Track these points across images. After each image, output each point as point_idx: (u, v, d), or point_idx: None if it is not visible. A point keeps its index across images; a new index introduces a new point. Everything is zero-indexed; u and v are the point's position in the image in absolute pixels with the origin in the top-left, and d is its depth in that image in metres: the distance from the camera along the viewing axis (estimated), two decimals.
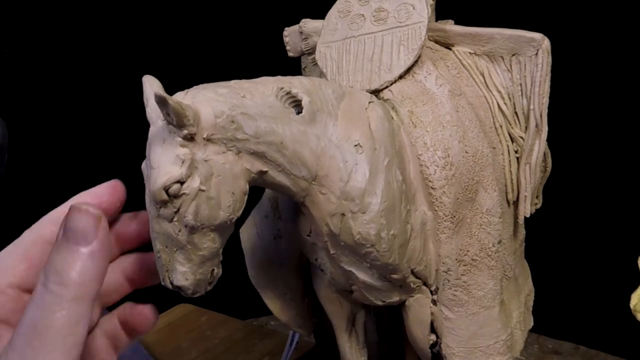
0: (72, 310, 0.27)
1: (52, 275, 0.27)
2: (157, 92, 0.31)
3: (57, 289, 0.27)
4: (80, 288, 0.27)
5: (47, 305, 0.27)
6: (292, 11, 0.56)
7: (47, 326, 0.27)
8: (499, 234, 0.44)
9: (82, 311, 0.27)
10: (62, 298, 0.27)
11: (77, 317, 0.27)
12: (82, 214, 0.28)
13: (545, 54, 0.45)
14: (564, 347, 0.78)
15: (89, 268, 0.28)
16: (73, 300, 0.27)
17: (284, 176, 0.37)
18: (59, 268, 0.27)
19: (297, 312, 0.51)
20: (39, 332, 0.27)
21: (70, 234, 0.28)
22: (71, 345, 0.27)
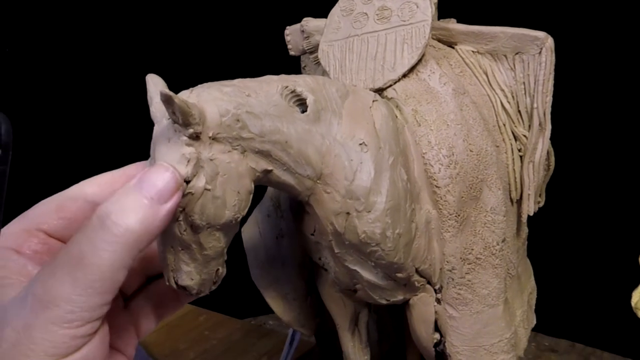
0: (120, 255, 0.27)
1: (114, 215, 0.27)
2: (163, 91, 0.30)
3: (115, 228, 0.27)
4: (135, 237, 0.27)
5: (98, 242, 0.27)
6: (293, 10, 0.55)
7: (92, 262, 0.27)
8: (503, 233, 0.44)
9: (127, 260, 0.27)
10: (116, 240, 0.27)
11: (121, 264, 0.27)
12: (168, 174, 0.29)
13: (548, 53, 0.45)
14: (561, 344, 0.79)
15: (149, 222, 0.28)
16: (125, 246, 0.27)
17: (288, 175, 0.37)
18: (123, 209, 0.28)
19: (300, 311, 0.51)
20: (84, 265, 0.27)
21: (146, 184, 0.28)
22: (107, 289, 0.27)
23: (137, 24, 0.92)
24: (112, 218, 0.28)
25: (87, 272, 0.27)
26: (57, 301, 0.27)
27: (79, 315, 0.27)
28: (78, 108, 0.93)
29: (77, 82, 0.93)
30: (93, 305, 0.27)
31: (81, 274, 0.27)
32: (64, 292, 0.27)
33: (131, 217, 0.28)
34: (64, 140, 0.93)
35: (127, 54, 0.91)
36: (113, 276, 0.27)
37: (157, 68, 0.37)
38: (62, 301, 0.27)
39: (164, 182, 0.29)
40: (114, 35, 0.92)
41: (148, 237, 0.28)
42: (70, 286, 0.27)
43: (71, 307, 0.27)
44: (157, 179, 0.29)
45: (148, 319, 0.35)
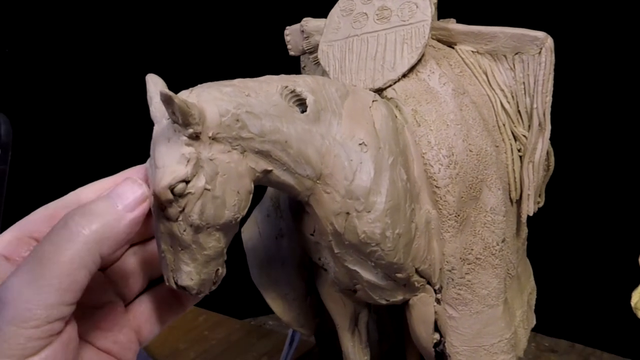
0: (79, 254, 0.27)
1: (78, 216, 0.28)
2: (163, 91, 0.30)
3: (75, 228, 0.28)
4: (95, 237, 0.28)
5: (60, 241, 0.28)
6: (293, 10, 0.55)
7: (51, 260, 0.27)
8: (503, 233, 0.44)
9: (87, 260, 0.28)
10: (77, 239, 0.28)
11: (81, 262, 0.27)
12: (135, 185, 0.30)
13: (548, 53, 0.45)
14: (560, 345, 0.79)
15: (112, 226, 0.28)
16: (85, 245, 0.28)
17: (288, 175, 0.37)
18: (88, 212, 0.28)
19: (300, 311, 0.51)
20: (43, 263, 0.27)
21: (114, 194, 0.30)
22: (66, 287, 0.27)
23: (137, 24, 0.92)
24: (75, 219, 0.28)
25: (46, 270, 0.27)
26: (15, 300, 0.26)
27: (35, 313, 0.26)
28: (78, 108, 0.93)
29: (77, 82, 0.93)
30: (51, 303, 0.27)
31: (39, 272, 0.27)
32: (22, 290, 0.27)
33: (94, 220, 0.28)
34: (64, 140, 0.93)
35: (127, 54, 0.91)
36: (72, 274, 0.27)
37: (157, 68, 0.37)
38: (20, 300, 0.26)
39: (131, 191, 0.30)
40: (114, 35, 0.92)
41: (110, 241, 0.28)
42: (28, 284, 0.27)
43: (28, 305, 0.26)
44: (126, 189, 0.30)
45: (150, 323, 0.35)
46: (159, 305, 0.36)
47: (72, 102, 0.93)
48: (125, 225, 0.29)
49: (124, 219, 0.29)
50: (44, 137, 0.91)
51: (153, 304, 0.36)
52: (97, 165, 0.35)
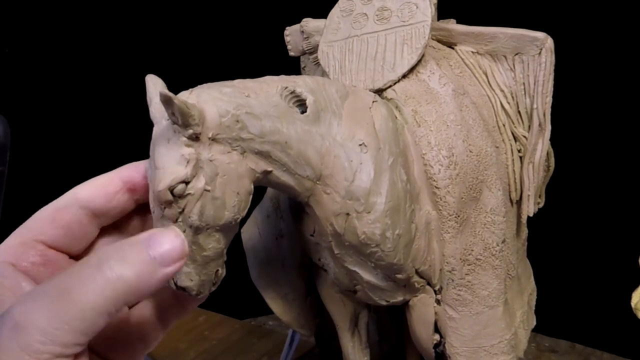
0: (105, 300, 0.27)
1: (113, 260, 0.27)
2: (163, 92, 0.30)
3: (108, 272, 0.27)
4: (126, 287, 0.27)
5: (88, 280, 0.27)
6: (293, 10, 0.55)
7: (76, 299, 0.26)
8: (503, 234, 0.44)
9: (111, 308, 0.27)
10: (106, 284, 0.27)
11: (105, 309, 0.27)
12: (178, 240, 0.29)
13: (548, 53, 0.45)
14: (561, 345, 0.79)
15: (145, 279, 0.27)
16: (113, 292, 0.27)
17: (288, 176, 0.37)
18: (123, 258, 0.27)
19: (300, 312, 0.51)
20: (68, 299, 0.26)
21: (153, 242, 0.28)
22: (84, 330, 0.26)
23: (137, 24, 0.92)
24: (110, 263, 0.27)
25: (69, 308, 0.26)
26: (31, 328, 0.26)
27: (49, 348, 0.26)
28: (77, 109, 0.93)
29: (76, 82, 0.93)
30: (66, 342, 0.26)
31: (62, 308, 0.26)
32: (40, 321, 0.26)
33: (128, 268, 0.27)
34: (64, 141, 0.93)
35: (127, 54, 0.91)
36: (93, 319, 0.27)
37: (157, 68, 0.37)
38: (36, 329, 0.26)
39: (171, 246, 0.29)
40: (114, 36, 0.92)
41: (139, 292, 0.28)
42: (47, 317, 0.26)
43: (43, 338, 0.26)
44: (166, 241, 0.29)
45: (154, 328, 0.35)
46: (161, 310, 0.35)
47: (72, 102, 0.93)
48: (157, 280, 0.28)
49: (157, 275, 0.28)
50: (43, 138, 0.91)
51: (155, 309, 0.35)
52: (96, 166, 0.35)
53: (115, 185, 0.33)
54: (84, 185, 0.33)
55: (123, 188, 0.33)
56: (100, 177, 0.33)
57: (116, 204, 0.33)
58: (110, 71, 0.92)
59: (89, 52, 0.92)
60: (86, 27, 0.91)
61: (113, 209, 0.32)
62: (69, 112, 0.93)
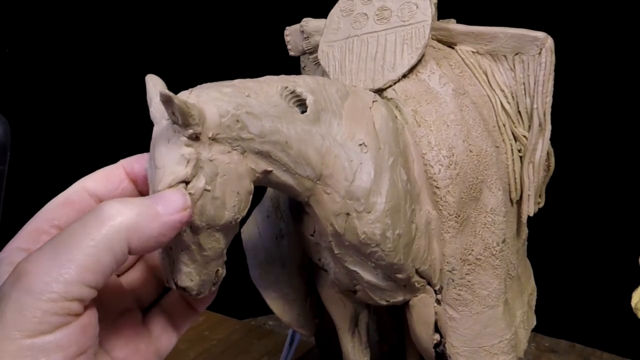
0: (107, 237, 0.27)
1: (115, 204, 0.28)
2: (163, 91, 0.30)
3: (109, 212, 0.27)
4: (127, 226, 0.28)
5: (90, 221, 0.27)
6: (293, 10, 0.55)
7: (78, 239, 0.27)
8: (503, 233, 0.44)
9: (114, 245, 0.27)
10: (108, 223, 0.27)
11: (107, 245, 0.27)
12: (179, 193, 0.30)
13: (548, 53, 0.45)
14: (561, 345, 0.78)
15: (146, 221, 0.28)
16: (114, 230, 0.27)
17: (288, 176, 0.37)
18: (124, 203, 0.28)
19: (300, 312, 0.51)
20: (69, 241, 0.27)
21: (157, 196, 0.30)
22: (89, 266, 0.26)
23: (137, 24, 0.92)
24: (112, 204, 0.28)
25: (71, 246, 0.26)
26: (35, 271, 0.26)
27: (53, 287, 0.25)
28: (78, 109, 0.93)
29: (77, 82, 0.93)
30: (70, 279, 0.26)
31: (64, 247, 0.26)
32: (43, 262, 0.26)
33: (129, 208, 0.28)
34: (64, 141, 0.93)
35: (127, 54, 0.91)
36: (97, 254, 0.27)
37: (157, 68, 0.37)
38: (39, 271, 0.26)
39: (174, 197, 0.30)
40: (114, 36, 0.92)
41: (141, 235, 0.28)
42: (50, 257, 0.26)
43: (46, 278, 0.25)
44: (168, 193, 0.30)
45: (167, 333, 0.35)
46: (172, 314, 0.36)
47: (72, 102, 0.93)
48: (159, 224, 0.28)
49: (160, 219, 0.29)
50: (43, 138, 0.91)
51: (166, 313, 0.35)
52: (96, 165, 0.35)
53: (120, 174, 0.34)
54: (89, 176, 0.33)
55: (127, 178, 0.34)
56: (104, 168, 0.33)
57: (121, 192, 0.33)
58: (111, 71, 0.92)
59: (89, 52, 0.92)
60: (86, 27, 0.91)
61: (119, 197, 0.33)
62: (69, 112, 0.93)
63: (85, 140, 0.93)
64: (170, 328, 0.35)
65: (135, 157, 0.34)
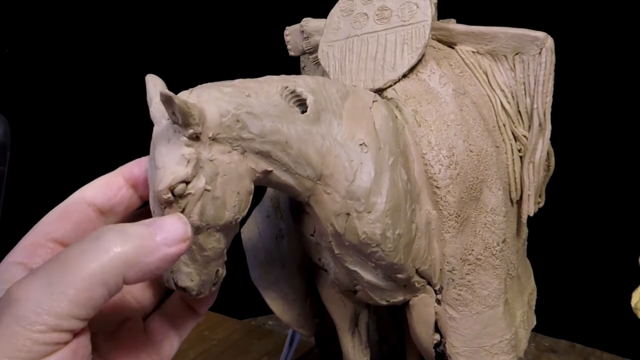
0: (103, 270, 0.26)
1: (113, 233, 0.27)
2: (163, 91, 0.30)
3: (108, 244, 0.27)
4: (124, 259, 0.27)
5: (87, 250, 0.27)
6: (293, 10, 0.55)
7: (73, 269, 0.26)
8: (504, 233, 0.44)
9: (109, 278, 0.27)
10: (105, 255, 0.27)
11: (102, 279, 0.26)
12: (180, 223, 0.29)
13: (548, 53, 0.45)
14: (560, 345, 0.79)
15: (144, 253, 0.28)
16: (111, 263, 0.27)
17: (288, 176, 0.37)
18: (124, 232, 0.28)
19: (300, 312, 0.51)
20: (64, 270, 0.26)
21: (155, 223, 0.29)
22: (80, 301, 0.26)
23: (137, 24, 0.92)
24: (109, 235, 0.27)
25: (64, 277, 0.26)
26: (26, 300, 0.25)
27: (44, 319, 0.25)
28: (78, 109, 0.93)
29: (77, 82, 0.93)
30: (61, 313, 0.26)
31: (57, 278, 0.26)
32: (35, 292, 0.26)
33: (127, 240, 0.27)
34: (64, 141, 0.93)
35: (127, 54, 0.91)
36: (90, 289, 0.26)
37: (157, 68, 0.37)
38: (31, 300, 0.25)
39: (173, 227, 0.29)
40: (114, 36, 0.92)
41: (138, 268, 0.27)
42: (42, 287, 0.26)
43: (38, 308, 0.25)
44: (168, 223, 0.29)
45: (169, 338, 0.35)
46: (173, 317, 0.35)
47: (72, 102, 0.93)
48: (157, 258, 0.28)
49: (158, 252, 0.28)
50: (43, 138, 0.91)
51: (167, 317, 0.35)
52: (97, 165, 0.35)
53: (118, 182, 0.33)
54: (88, 185, 0.33)
55: (126, 184, 0.33)
56: (103, 177, 0.33)
57: (120, 199, 0.33)
58: (111, 71, 0.92)
59: (89, 52, 0.92)
60: (86, 27, 0.91)
61: (118, 204, 0.33)
62: (69, 112, 0.93)
63: (85, 140, 0.93)
64: (172, 332, 0.35)
65: (134, 161, 0.34)
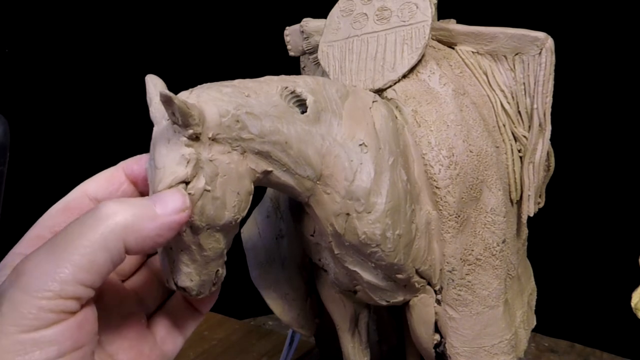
0: (103, 237, 0.27)
1: (112, 204, 0.28)
2: (163, 92, 0.30)
3: (106, 212, 0.27)
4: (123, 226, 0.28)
5: (87, 221, 0.27)
6: (293, 10, 0.55)
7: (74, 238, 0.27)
8: (503, 234, 0.44)
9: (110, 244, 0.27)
10: (104, 223, 0.27)
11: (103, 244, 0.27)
12: (179, 194, 0.30)
13: (548, 54, 0.45)
14: (560, 345, 0.79)
15: (143, 220, 0.28)
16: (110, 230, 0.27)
17: (288, 176, 0.37)
18: (122, 203, 0.28)
19: (300, 312, 0.51)
20: (66, 240, 0.27)
21: (156, 196, 0.30)
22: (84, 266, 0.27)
23: (137, 24, 0.92)
24: (109, 204, 0.28)
25: (67, 245, 0.27)
26: (31, 270, 0.26)
27: (49, 285, 0.26)
28: (78, 109, 0.93)
29: (77, 82, 0.93)
30: (66, 278, 0.26)
31: (61, 247, 0.27)
32: (40, 262, 0.26)
33: (127, 209, 0.28)
34: (64, 141, 0.93)
35: (127, 54, 0.91)
36: (92, 254, 0.27)
37: (157, 68, 0.37)
38: (36, 270, 0.26)
39: (172, 197, 0.30)
40: (114, 36, 0.92)
41: (138, 235, 0.28)
42: (47, 257, 0.27)
43: (42, 276, 0.26)
44: (168, 194, 0.30)
45: (172, 336, 0.35)
46: (176, 316, 0.36)
47: (72, 102, 0.93)
48: (156, 225, 0.29)
49: (157, 219, 0.29)
50: (43, 138, 0.91)
51: (170, 316, 0.36)
52: (97, 165, 0.35)
53: (120, 177, 0.34)
54: (90, 179, 0.34)
55: (127, 180, 0.34)
56: (105, 170, 0.33)
57: (122, 194, 0.34)
58: (111, 71, 0.92)
59: (89, 52, 0.92)
60: (86, 27, 0.91)
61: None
62: (69, 112, 0.93)
63: (85, 140, 0.93)
64: (175, 331, 0.35)
65: (134, 158, 0.34)
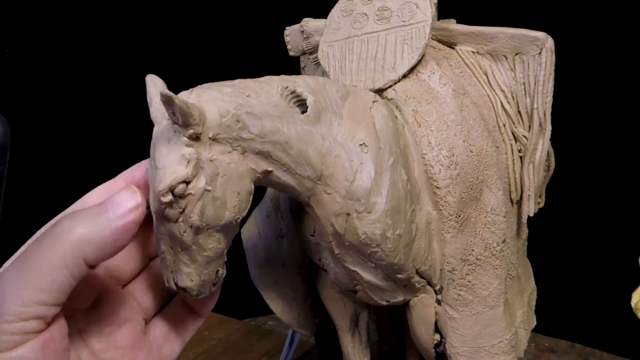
0: (60, 253, 0.28)
1: (65, 219, 0.28)
2: (163, 91, 0.30)
3: (61, 228, 0.28)
4: (79, 239, 0.28)
5: (45, 241, 0.28)
6: (293, 10, 0.55)
7: (33, 257, 0.27)
8: (504, 233, 0.44)
9: (68, 261, 0.28)
10: (60, 238, 0.28)
11: (61, 262, 0.27)
12: (128, 192, 0.30)
13: (549, 53, 0.45)
14: (560, 345, 0.79)
15: (99, 230, 0.28)
16: (67, 245, 0.28)
17: (288, 176, 0.37)
18: (76, 216, 0.29)
19: (300, 312, 0.51)
20: (25, 261, 0.27)
21: (108, 201, 0.30)
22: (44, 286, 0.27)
23: (137, 24, 0.92)
24: (63, 222, 0.28)
25: (26, 266, 0.27)
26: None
27: (9, 309, 0.26)
28: (78, 109, 0.93)
29: (77, 82, 0.93)
30: (26, 300, 0.27)
31: (19, 268, 0.27)
32: (2, 286, 0.27)
33: (80, 223, 0.28)
34: (64, 141, 0.93)
35: (127, 54, 0.91)
36: (52, 273, 0.27)
37: (157, 68, 0.37)
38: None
39: (122, 199, 0.30)
40: (114, 36, 0.92)
41: (95, 245, 0.28)
42: (7, 281, 0.27)
43: (5, 300, 0.26)
44: (118, 196, 0.30)
45: (170, 341, 0.35)
46: (175, 321, 0.36)
47: (72, 102, 0.93)
48: (112, 231, 0.29)
49: (112, 225, 0.29)
50: (43, 138, 0.91)
51: (169, 320, 0.35)
52: (96, 166, 0.35)
53: (119, 187, 0.33)
54: (91, 193, 0.34)
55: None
56: (104, 183, 0.34)
57: None
58: (111, 71, 0.92)
59: (89, 52, 0.92)
60: (86, 27, 0.91)
61: None
62: (69, 112, 0.93)
63: (85, 140, 0.93)
64: (173, 336, 0.35)
65: (133, 166, 0.34)
